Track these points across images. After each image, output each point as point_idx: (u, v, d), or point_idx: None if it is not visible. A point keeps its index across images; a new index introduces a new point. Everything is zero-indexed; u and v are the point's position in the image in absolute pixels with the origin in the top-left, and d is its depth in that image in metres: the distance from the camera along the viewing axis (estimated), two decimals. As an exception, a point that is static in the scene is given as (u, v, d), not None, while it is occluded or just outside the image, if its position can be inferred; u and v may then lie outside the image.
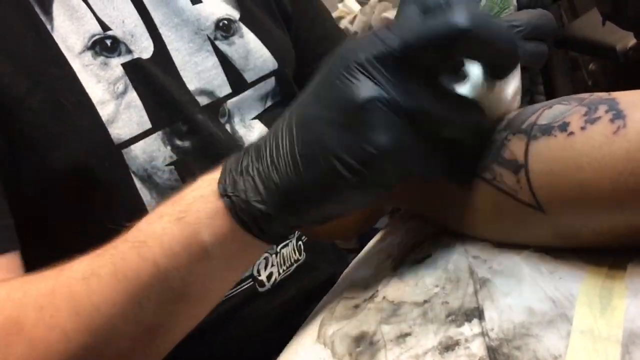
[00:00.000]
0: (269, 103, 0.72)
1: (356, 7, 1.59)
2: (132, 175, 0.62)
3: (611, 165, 0.34)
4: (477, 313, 0.39)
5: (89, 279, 0.43)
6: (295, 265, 0.73)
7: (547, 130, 0.39)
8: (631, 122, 0.34)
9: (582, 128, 0.36)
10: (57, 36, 0.60)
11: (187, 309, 0.45)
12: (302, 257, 0.74)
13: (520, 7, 0.50)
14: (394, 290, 0.45)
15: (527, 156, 0.39)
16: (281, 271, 0.72)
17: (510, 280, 0.40)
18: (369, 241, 0.58)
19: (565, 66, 2.06)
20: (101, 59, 0.62)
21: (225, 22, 0.70)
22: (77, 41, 0.61)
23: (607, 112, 0.36)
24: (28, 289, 0.46)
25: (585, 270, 0.38)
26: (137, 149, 0.62)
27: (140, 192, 0.63)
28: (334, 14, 1.68)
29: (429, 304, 0.42)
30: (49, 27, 0.60)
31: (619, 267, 0.38)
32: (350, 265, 0.56)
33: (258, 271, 0.70)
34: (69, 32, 0.61)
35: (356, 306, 0.46)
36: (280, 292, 0.71)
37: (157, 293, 0.43)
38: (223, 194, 0.41)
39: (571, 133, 0.37)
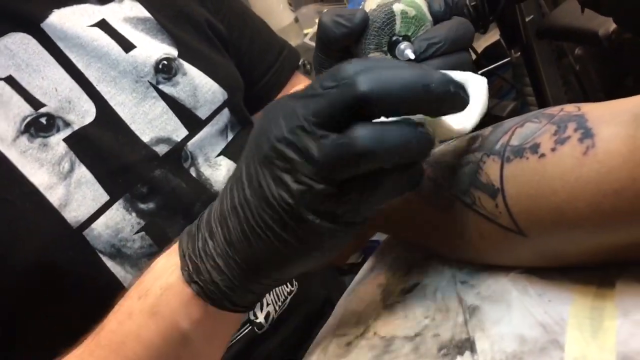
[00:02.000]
0: (230, 136, 0.69)
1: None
2: (100, 255, 0.58)
3: (584, 188, 0.33)
4: (468, 345, 0.38)
5: None
6: (289, 297, 0.72)
7: (519, 152, 0.38)
8: (600, 142, 0.33)
9: (553, 149, 0.35)
10: None
11: None
12: (295, 288, 0.72)
13: (435, 19, 0.49)
14: (385, 324, 0.44)
15: (502, 180, 0.39)
16: (277, 308, 0.70)
17: (500, 305, 0.39)
18: (371, 253, 0.57)
19: (551, 56, 2.05)
20: (39, 140, 0.57)
21: (165, 62, 0.66)
22: (7, 128, 0.56)
23: (576, 130, 0.35)
24: None
25: (574, 290, 0.37)
26: (98, 226, 0.57)
27: (112, 269, 0.58)
28: (312, 30, 1.67)
29: (420, 337, 0.41)
30: None
31: (607, 283, 0.37)
32: (343, 296, 0.55)
33: (255, 314, 0.68)
34: None
35: (348, 343, 0.45)
36: (279, 329, 0.69)
37: None
38: (189, 281, 0.42)
39: (542, 155, 0.36)
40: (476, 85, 0.41)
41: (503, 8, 1.14)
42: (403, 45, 0.47)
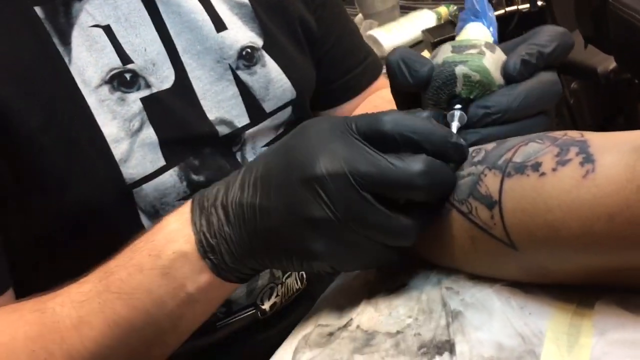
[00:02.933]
0: (281, 130, 0.71)
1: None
2: (139, 212, 0.61)
3: (579, 209, 0.35)
4: (448, 346, 0.40)
5: (80, 327, 0.48)
6: (296, 294, 0.74)
7: (520, 169, 0.40)
8: (600, 167, 0.35)
9: (554, 169, 0.37)
10: (74, 69, 0.57)
11: (175, 340, 0.51)
12: (303, 286, 0.75)
13: (509, 81, 0.46)
14: (368, 319, 0.45)
15: (501, 193, 0.40)
16: (284, 300, 0.73)
17: (482, 313, 0.41)
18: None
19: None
20: (118, 94, 0.59)
21: (249, 50, 0.68)
22: (94, 74, 0.58)
23: (577, 154, 0.37)
24: (15, 333, 0.49)
25: (555, 306, 0.39)
26: (148, 187, 0.60)
27: (146, 227, 0.61)
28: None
29: (401, 334, 0.43)
30: (66, 59, 0.57)
31: (587, 304, 0.39)
32: (329, 288, 0.56)
33: (261, 300, 0.71)
34: (87, 64, 0.58)
35: (330, 334, 0.47)
36: (280, 319, 0.72)
37: (149, 335, 0.48)
38: (204, 256, 0.46)
39: (543, 174, 0.38)
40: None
41: (510, 32, 1.17)
42: (454, 114, 0.46)
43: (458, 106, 0.47)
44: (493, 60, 0.47)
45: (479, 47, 0.47)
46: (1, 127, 0.54)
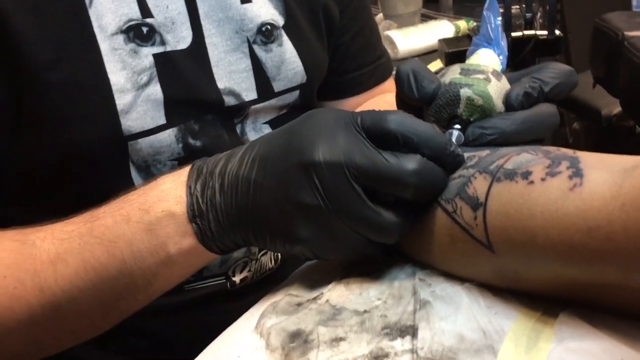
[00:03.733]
0: (284, 111, 0.72)
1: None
2: (130, 164, 0.62)
3: (561, 219, 0.36)
4: (411, 331, 0.41)
5: (56, 263, 0.49)
6: (268, 272, 0.75)
7: (510, 175, 0.41)
8: (587, 182, 0.36)
9: (542, 179, 0.38)
10: (92, 13, 0.57)
11: (145, 297, 0.51)
12: (276, 266, 0.76)
13: (509, 108, 0.48)
14: (338, 295, 0.46)
15: (487, 196, 0.41)
16: (255, 277, 0.73)
17: (449, 306, 0.42)
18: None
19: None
20: (132, 45, 0.59)
21: (269, 27, 0.68)
22: (112, 22, 0.58)
23: (568, 168, 0.38)
24: None
25: (520, 311, 0.40)
26: (144, 142, 0.61)
27: (134, 179, 0.62)
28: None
29: (368, 314, 0.44)
30: (87, 1, 0.57)
31: (551, 313, 0.40)
32: (304, 264, 0.57)
33: (233, 272, 0.71)
34: (106, 10, 0.58)
35: (299, 304, 0.47)
36: (247, 294, 0.73)
37: (121, 285, 0.49)
38: (191, 219, 0.47)
39: (531, 182, 0.39)
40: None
41: (524, 56, 1.18)
42: (452, 133, 0.48)
43: (457, 126, 0.48)
44: (497, 88, 0.49)
45: (486, 73, 0.49)
46: (11, 56, 0.54)
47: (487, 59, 0.54)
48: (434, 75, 0.51)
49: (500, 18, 0.57)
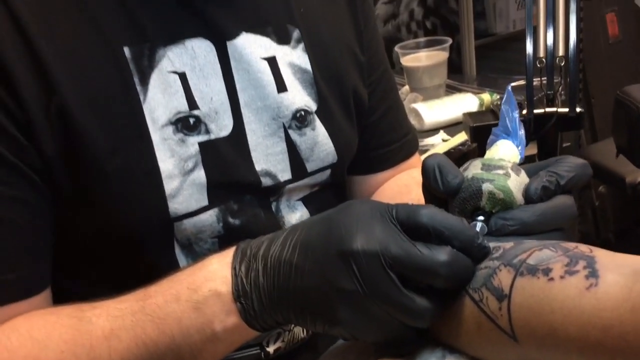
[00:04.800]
0: (315, 189, 0.77)
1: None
2: (174, 242, 0.67)
3: (579, 316, 0.39)
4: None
5: (110, 339, 0.53)
6: (300, 342, 0.78)
7: (532, 271, 0.44)
8: (602, 283, 0.39)
9: (562, 277, 0.42)
10: (146, 107, 0.63)
11: None
12: (307, 336, 0.79)
13: (529, 201, 0.52)
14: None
15: (511, 289, 0.45)
16: (288, 347, 0.77)
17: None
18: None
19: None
20: (180, 135, 0.65)
21: (302, 113, 0.73)
22: (162, 115, 0.64)
23: (585, 268, 0.41)
24: (51, 332, 0.55)
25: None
26: (188, 223, 0.66)
27: (178, 257, 0.67)
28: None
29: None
30: (141, 97, 0.63)
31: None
32: (338, 341, 0.60)
33: (267, 342, 0.75)
34: (158, 104, 0.64)
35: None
36: None
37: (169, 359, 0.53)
38: (236, 299, 0.52)
39: (552, 279, 0.42)
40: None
41: (547, 131, 1.22)
42: (476, 225, 0.52)
43: (481, 218, 0.52)
44: (517, 183, 0.53)
45: (506, 168, 0.53)
46: (73, 146, 0.60)
47: (507, 151, 0.58)
48: (458, 169, 0.55)
49: (517, 111, 0.61)
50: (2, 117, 0.57)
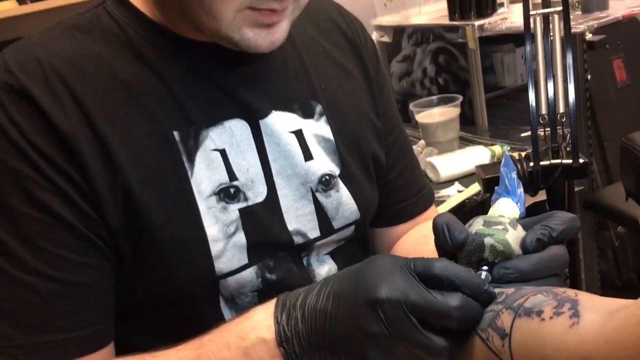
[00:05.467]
0: (341, 243, 0.85)
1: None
2: (220, 297, 0.75)
3: (565, 350, 0.48)
4: None
5: None
6: None
7: (528, 313, 0.53)
8: (582, 322, 0.48)
9: (551, 317, 0.50)
10: (193, 181, 0.72)
11: None
12: None
13: (526, 252, 0.60)
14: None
15: (512, 328, 0.53)
16: None
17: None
18: None
19: (592, 227, 2.18)
20: (222, 204, 0.74)
21: (327, 177, 0.82)
22: (207, 187, 0.73)
23: (569, 309, 0.50)
24: None
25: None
26: (232, 280, 0.75)
27: (223, 310, 0.75)
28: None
29: None
30: (189, 173, 0.72)
31: None
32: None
33: None
34: (203, 178, 0.72)
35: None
36: None
37: None
38: (279, 344, 0.60)
39: (543, 319, 0.51)
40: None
41: (554, 181, 1.30)
42: (481, 274, 0.60)
43: (485, 268, 0.61)
44: (514, 236, 0.61)
45: (505, 224, 0.62)
46: (132, 217, 0.70)
47: (506, 208, 0.67)
48: (463, 226, 0.64)
49: (515, 172, 0.70)
50: (75, 195, 0.67)
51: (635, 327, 0.42)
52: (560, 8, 1.16)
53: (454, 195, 1.50)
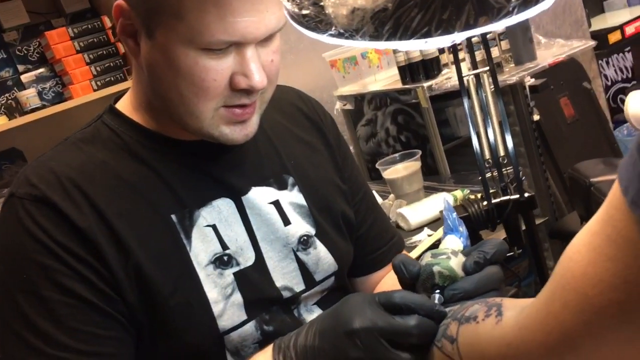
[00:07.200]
0: (325, 293, 0.99)
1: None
2: (225, 351, 0.88)
3: (494, 341, 0.62)
4: None
5: None
6: None
7: (468, 319, 0.68)
8: (504, 319, 0.63)
9: (483, 319, 0.65)
10: (192, 254, 0.86)
11: None
12: None
13: (467, 273, 0.74)
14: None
15: (457, 334, 0.68)
16: None
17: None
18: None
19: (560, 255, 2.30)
20: (219, 270, 0.87)
21: (305, 237, 0.96)
22: (204, 257, 0.87)
23: (495, 310, 0.65)
24: None
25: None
26: (234, 334, 0.88)
27: None
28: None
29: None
30: (188, 248, 0.86)
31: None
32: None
33: None
34: (200, 250, 0.86)
35: None
36: None
37: None
38: None
39: (477, 322, 0.66)
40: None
41: (508, 215, 1.46)
42: (435, 297, 0.73)
43: (437, 291, 0.75)
44: (457, 262, 0.76)
45: (448, 254, 0.77)
46: (145, 291, 0.84)
47: (451, 242, 0.82)
48: (416, 261, 0.78)
49: (455, 213, 0.86)
50: (96, 280, 0.81)
51: (536, 313, 0.57)
52: (488, 68, 1.35)
53: (425, 240, 1.65)
